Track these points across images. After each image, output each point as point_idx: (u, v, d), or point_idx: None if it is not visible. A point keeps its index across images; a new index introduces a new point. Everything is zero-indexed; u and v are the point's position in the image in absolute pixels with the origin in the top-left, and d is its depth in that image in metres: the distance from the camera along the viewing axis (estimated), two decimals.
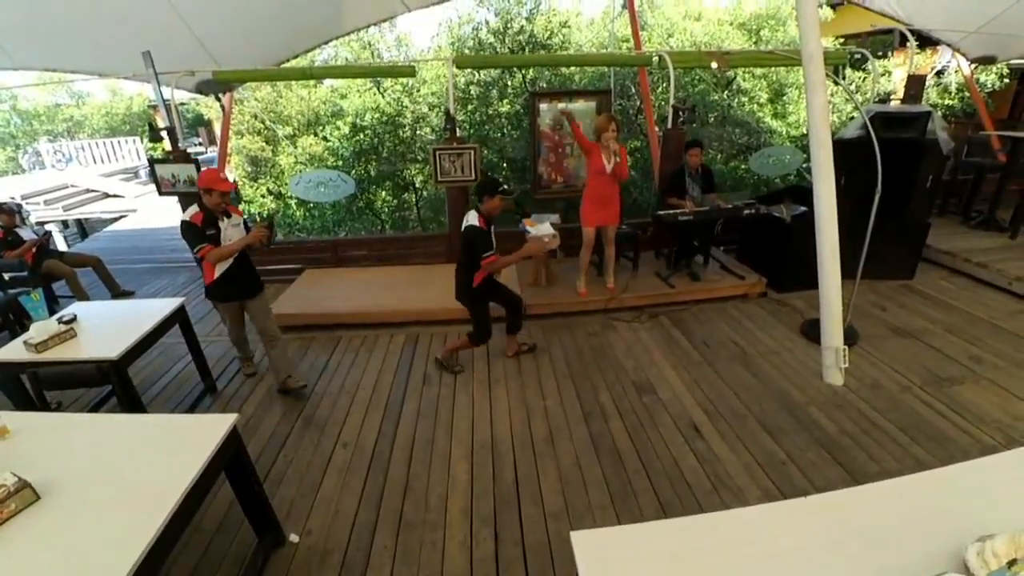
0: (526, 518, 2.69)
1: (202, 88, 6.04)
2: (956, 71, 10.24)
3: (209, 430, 2.10)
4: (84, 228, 13.51)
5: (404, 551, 2.51)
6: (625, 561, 1.43)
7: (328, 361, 4.33)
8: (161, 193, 5.46)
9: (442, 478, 2.99)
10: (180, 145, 5.38)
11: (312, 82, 11.64)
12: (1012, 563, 1.19)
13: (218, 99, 6.63)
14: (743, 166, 10.06)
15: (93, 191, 14.31)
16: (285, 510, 2.76)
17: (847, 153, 4.55)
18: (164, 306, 3.60)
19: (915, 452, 3.01)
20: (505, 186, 3.63)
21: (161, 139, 5.30)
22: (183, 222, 3.26)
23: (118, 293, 5.83)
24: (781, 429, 3.27)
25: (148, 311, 3.52)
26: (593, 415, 3.49)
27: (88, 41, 5.30)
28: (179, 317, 3.68)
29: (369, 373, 4.12)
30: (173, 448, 2.05)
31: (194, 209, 3.28)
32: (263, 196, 10.96)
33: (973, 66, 7.89)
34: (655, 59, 5.65)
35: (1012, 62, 8.26)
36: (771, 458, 3.03)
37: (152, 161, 5.47)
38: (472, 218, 3.57)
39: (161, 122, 5.30)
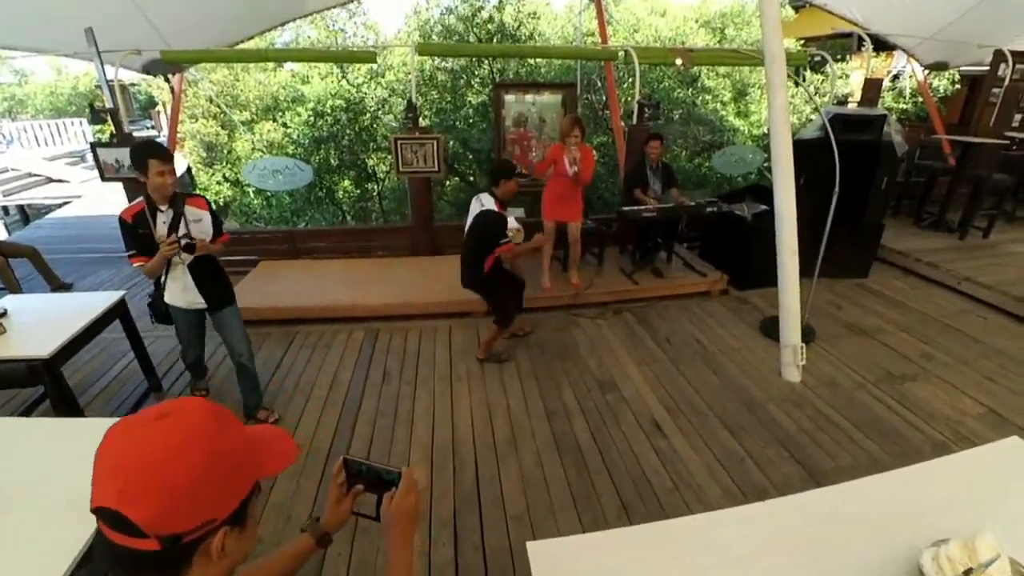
0: (487, 520, 2.62)
1: (150, 68, 5.72)
2: (911, 76, 10.57)
3: None
4: (27, 214, 12.79)
5: (360, 557, 2.41)
6: (581, 572, 1.38)
7: (283, 358, 4.16)
8: (104, 179, 5.15)
9: None
10: (126, 128, 5.09)
11: (271, 65, 11.25)
12: (968, 572, 1.18)
13: (167, 80, 6.30)
14: (706, 163, 10.19)
15: (36, 175, 13.62)
16: None
17: (806, 153, 4.63)
18: (102, 300, 3.37)
19: (868, 448, 3.08)
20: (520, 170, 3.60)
21: (104, 120, 5.00)
22: None
23: (57, 286, 5.49)
24: (741, 426, 3.29)
25: (85, 305, 3.29)
26: (556, 414, 3.45)
27: (25, 14, 4.93)
28: (119, 311, 3.46)
29: (326, 370, 3.98)
30: None
31: None
32: (219, 183, 10.56)
33: (927, 71, 8.16)
34: (621, 54, 5.62)
35: (963, 68, 8.55)
36: (731, 456, 3.05)
37: (94, 145, 5.15)
38: (488, 202, 3.52)
39: (107, 103, 4.99)
